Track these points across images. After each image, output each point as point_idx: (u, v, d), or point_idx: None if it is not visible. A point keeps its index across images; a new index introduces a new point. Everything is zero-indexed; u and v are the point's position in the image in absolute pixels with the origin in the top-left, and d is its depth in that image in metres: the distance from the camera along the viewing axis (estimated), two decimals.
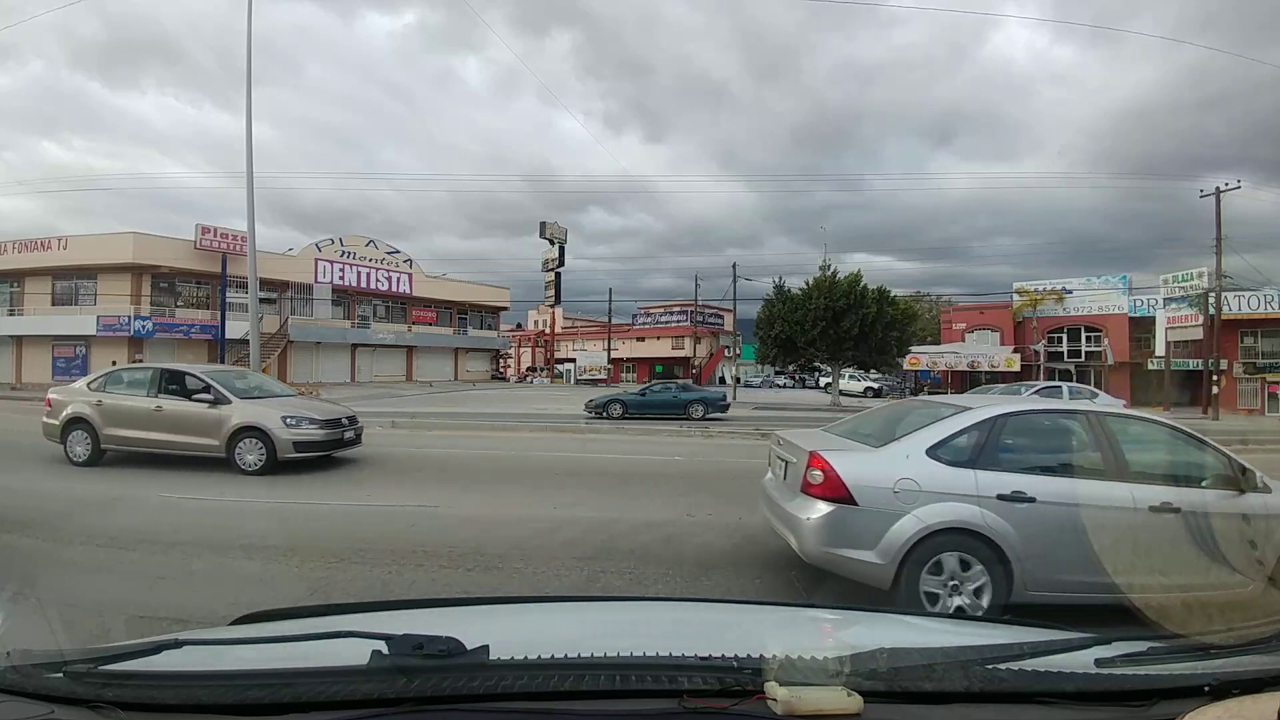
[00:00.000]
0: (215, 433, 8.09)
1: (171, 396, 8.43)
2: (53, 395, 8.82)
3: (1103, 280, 37.35)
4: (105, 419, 8.32)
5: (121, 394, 8.59)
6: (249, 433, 8.04)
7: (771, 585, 4.33)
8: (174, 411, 8.28)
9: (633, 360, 58.51)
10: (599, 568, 4.62)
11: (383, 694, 0.90)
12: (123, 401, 8.45)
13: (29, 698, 0.92)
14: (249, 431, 8.04)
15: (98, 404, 8.39)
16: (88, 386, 8.75)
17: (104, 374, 9.10)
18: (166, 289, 31.26)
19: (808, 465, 3.81)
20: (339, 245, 37.60)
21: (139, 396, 8.46)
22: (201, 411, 8.20)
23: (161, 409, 8.27)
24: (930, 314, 51.49)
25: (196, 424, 8.18)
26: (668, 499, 7.18)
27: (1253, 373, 31.76)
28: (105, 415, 8.34)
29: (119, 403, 8.44)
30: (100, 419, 8.32)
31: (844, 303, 25.55)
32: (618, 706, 0.91)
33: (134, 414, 8.33)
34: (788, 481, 4.21)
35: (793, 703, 0.87)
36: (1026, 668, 1.02)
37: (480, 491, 7.55)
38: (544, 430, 14.85)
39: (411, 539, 5.27)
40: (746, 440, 14.05)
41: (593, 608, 2.07)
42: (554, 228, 48.25)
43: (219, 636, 1.35)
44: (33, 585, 3.88)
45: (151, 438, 8.26)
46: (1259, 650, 1.10)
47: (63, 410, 8.50)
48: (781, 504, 4.14)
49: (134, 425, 8.29)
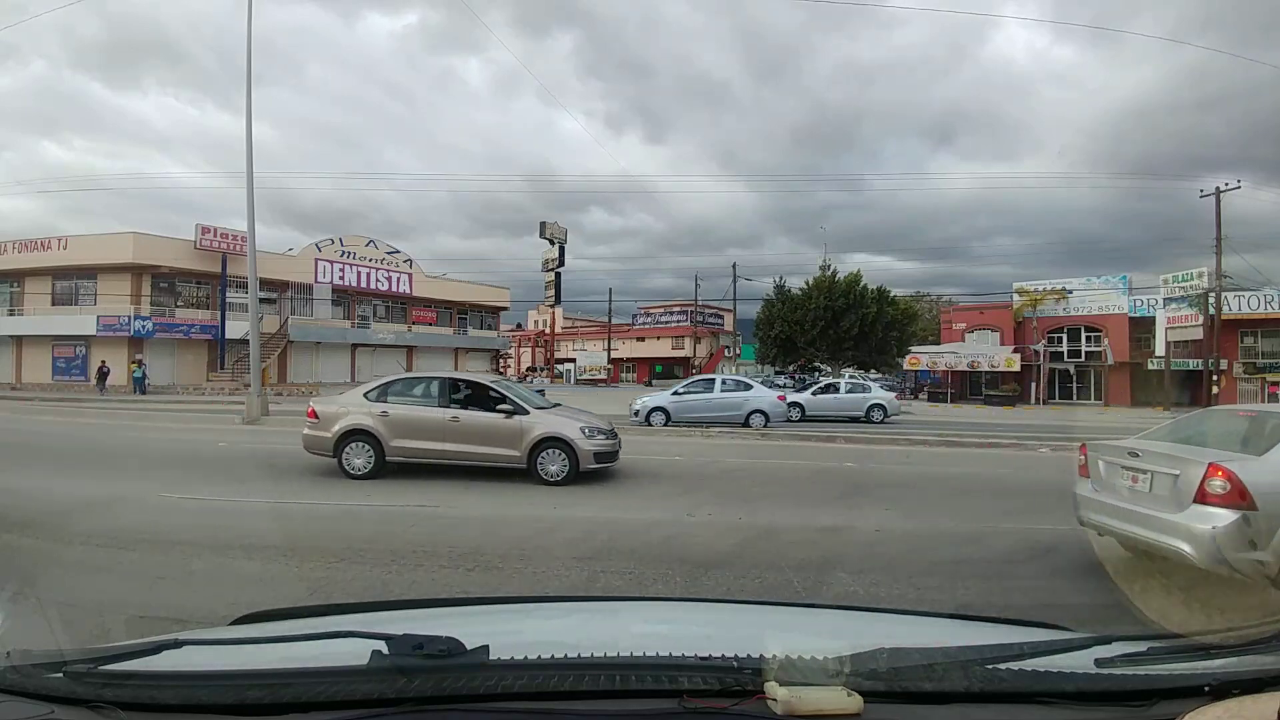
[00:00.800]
0: (516, 443, 7.96)
1: (465, 407, 8.26)
2: (319, 406, 8.44)
3: (1103, 280, 37.36)
4: (392, 430, 8.04)
5: (409, 405, 8.34)
6: (552, 443, 7.95)
7: (771, 585, 4.33)
8: (472, 422, 8.08)
9: (633, 360, 58.54)
10: (599, 568, 4.62)
11: (382, 694, 0.90)
12: (413, 412, 8.20)
13: (29, 698, 0.92)
14: (552, 442, 7.95)
15: (382, 415, 8.10)
16: (365, 397, 8.37)
17: (381, 384, 8.68)
18: (166, 289, 31.24)
19: (1206, 475, 3.92)
20: (339, 245, 37.59)
21: (430, 407, 8.25)
22: (499, 422, 8.04)
23: (458, 420, 8.07)
24: (930, 314, 51.53)
25: (496, 435, 8.02)
26: (667, 498, 7.19)
27: (1253, 373, 31.77)
28: (392, 426, 8.05)
29: (409, 414, 8.18)
30: (386, 430, 8.02)
31: (844, 303, 25.62)
32: (618, 706, 0.91)
33: (427, 425, 8.08)
34: (1159, 492, 4.31)
35: (793, 703, 0.87)
36: (1026, 668, 1.02)
37: (480, 491, 7.55)
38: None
39: (411, 539, 5.27)
40: (745, 440, 14.06)
41: (593, 608, 2.07)
42: (554, 228, 48.25)
43: (219, 636, 1.35)
44: (33, 585, 3.88)
45: (446, 449, 8.05)
46: (1259, 650, 1.10)
47: (336, 422, 8.11)
48: (1157, 514, 4.19)
49: (426, 436, 8.07)
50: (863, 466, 10.16)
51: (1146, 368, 34.12)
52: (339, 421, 8.13)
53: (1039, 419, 22.29)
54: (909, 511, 6.85)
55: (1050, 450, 12.34)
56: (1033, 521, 6.51)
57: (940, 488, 8.43)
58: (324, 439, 8.13)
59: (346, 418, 8.13)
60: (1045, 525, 6.30)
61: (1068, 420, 22.34)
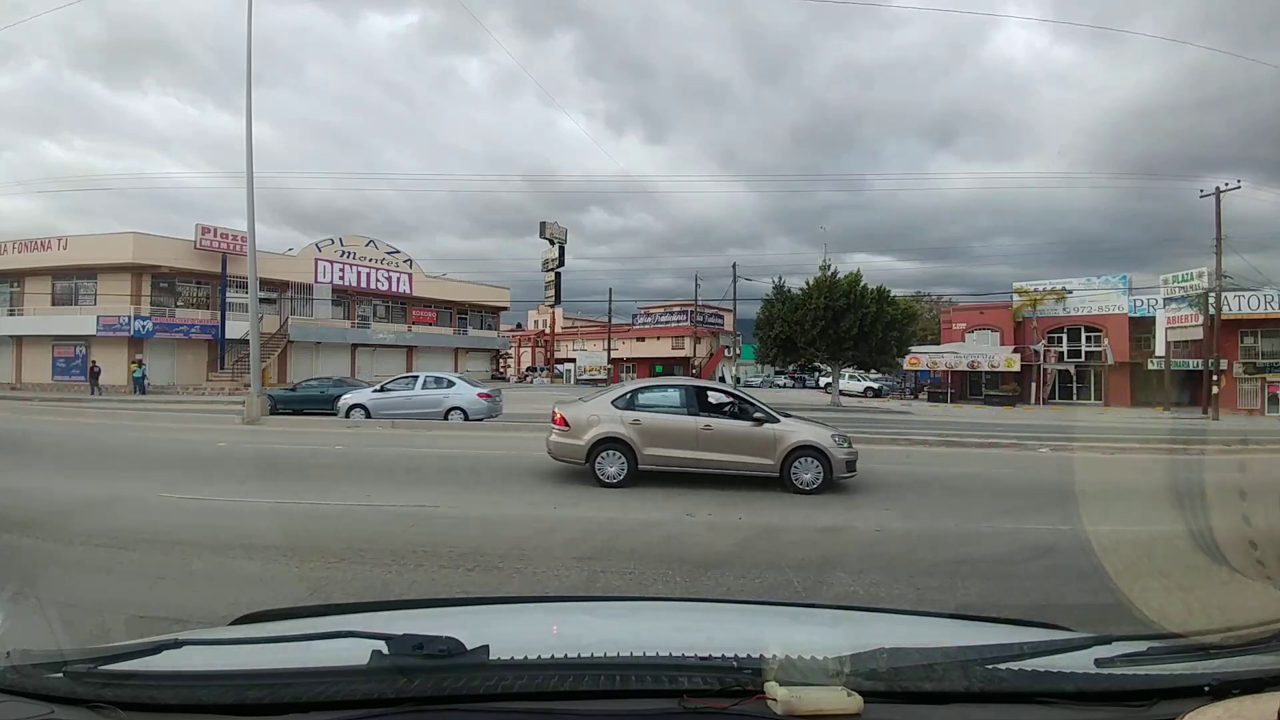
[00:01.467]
0: (770, 452, 7.90)
1: (715, 415, 8.25)
2: (567, 413, 8.38)
3: (1103, 280, 37.35)
4: (645, 438, 8.04)
5: (661, 413, 8.29)
6: (806, 452, 7.86)
7: (771, 585, 4.33)
8: (725, 430, 8.06)
9: (633, 360, 58.51)
10: (599, 568, 4.62)
11: (383, 694, 0.90)
12: (666, 420, 8.17)
13: (29, 698, 0.92)
14: (806, 450, 7.86)
15: (634, 423, 8.09)
16: (613, 404, 8.35)
17: (628, 391, 8.64)
18: (166, 289, 31.23)
19: None
20: (339, 245, 37.58)
21: (681, 415, 8.19)
22: (752, 430, 8.02)
23: (711, 428, 8.04)
24: (930, 314, 51.51)
25: (750, 443, 7.98)
26: (667, 498, 7.19)
27: (1253, 373, 31.76)
28: (645, 434, 8.05)
29: (662, 422, 8.16)
30: (639, 438, 8.02)
31: (844, 303, 25.56)
32: (618, 706, 0.91)
33: (681, 433, 8.05)
34: None
35: (793, 703, 0.87)
36: (1026, 668, 1.02)
37: (480, 491, 7.55)
38: (544, 430, 14.82)
39: (411, 539, 5.27)
40: None
41: (592, 608, 2.07)
42: (554, 228, 48.25)
43: (219, 636, 1.35)
44: (33, 585, 3.88)
45: (700, 457, 8.01)
46: (1259, 650, 1.10)
47: (589, 430, 8.10)
48: None
49: (680, 445, 8.05)
50: (862, 466, 10.14)
51: (1146, 368, 34.11)
52: (592, 429, 8.10)
53: (1039, 419, 22.30)
54: (909, 511, 6.85)
55: (1050, 450, 12.35)
56: (1033, 521, 6.51)
57: (940, 488, 8.44)
58: (576, 446, 8.13)
59: (599, 426, 8.11)
60: (1045, 525, 6.30)
61: (1068, 420, 22.36)
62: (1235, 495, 6.56)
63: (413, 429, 14.87)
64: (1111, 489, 8.72)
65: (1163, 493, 7.86)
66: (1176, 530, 6.47)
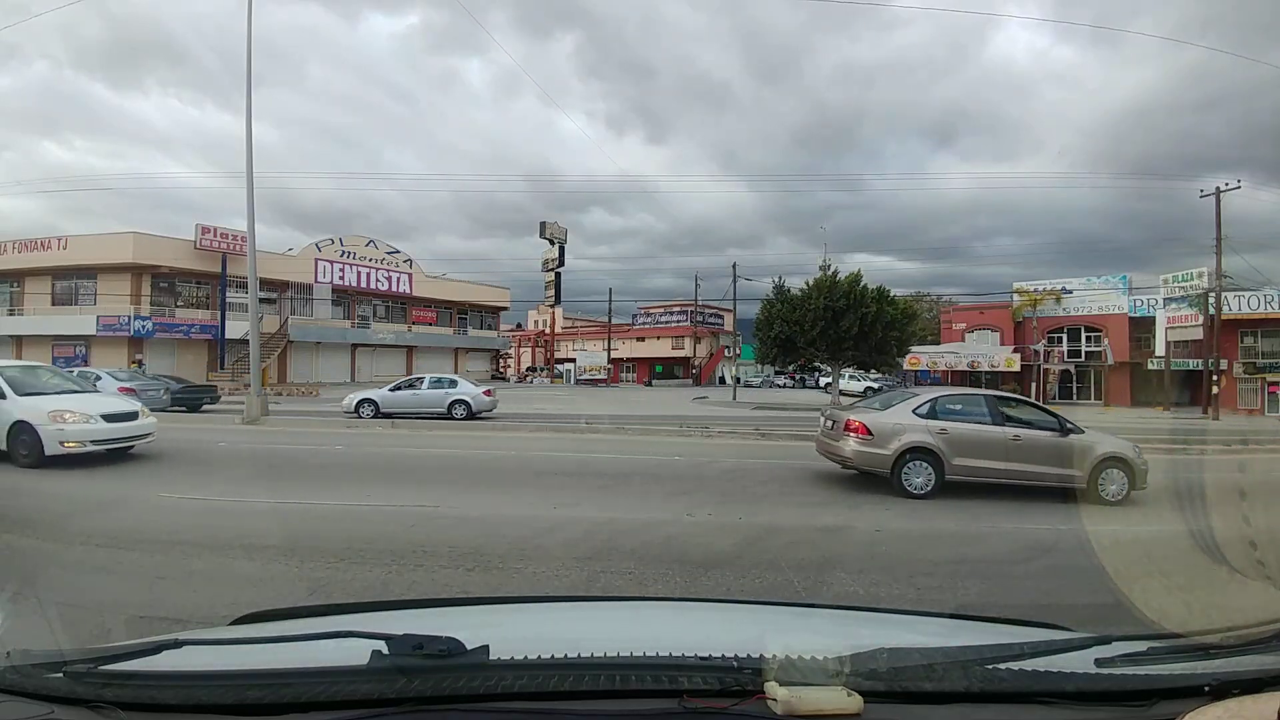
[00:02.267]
0: (1079, 463, 7.78)
1: (1020, 425, 8.10)
2: (868, 420, 8.26)
3: (1103, 280, 37.38)
4: (953, 448, 7.88)
5: (967, 422, 8.13)
6: (1113, 463, 7.81)
7: (771, 585, 4.33)
8: (1033, 441, 7.93)
9: (632, 360, 58.53)
10: (599, 568, 4.61)
11: (383, 694, 0.90)
12: (974, 431, 8.02)
13: (29, 698, 0.92)
14: (1114, 462, 7.82)
15: (941, 432, 7.95)
16: (915, 414, 8.18)
17: (927, 400, 8.44)
18: (166, 289, 31.25)
19: None
20: (339, 245, 37.60)
21: (988, 425, 8.03)
22: (1060, 441, 7.91)
23: (1020, 439, 7.91)
24: (930, 314, 51.51)
25: (1059, 454, 7.86)
26: (667, 499, 7.19)
27: (1253, 373, 31.77)
28: (952, 444, 7.89)
29: (970, 432, 8.01)
30: (947, 448, 7.88)
31: (844, 303, 25.54)
32: (618, 706, 0.91)
33: (989, 444, 7.90)
34: None
35: (793, 703, 0.87)
36: (1026, 668, 1.02)
37: (480, 491, 7.55)
38: (543, 430, 14.86)
39: (411, 539, 5.26)
40: (746, 440, 14.06)
41: (593, 608, 2.07)
42: (554, 228, 48.24)
43: (219, 636, 1.35)
44: (33, 585, 3.88)
45: (1009, 468, 7.86)
46: (1259, 650, 1.10)
47: (895, 439, 7.93)
48: None
49: (988, 456, 7.90)
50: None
51: (1146, 368, 34.14)
52: (897, 439, 7.93)
53: None
54: (909, 511, 6.85)
55: None
56: (1032, 521, 6.52)
57: (940, 487, 8.42)
58: (881, 456, 7.95)
59: (905, 435, 7.95)
60: (1045, 525, 6.31)
61: None
62: (1235, 495, 6.59)
63: (414, 429, 14.88)
64: None
65: (1163, 493, 7.87)
66: (1176, 530, 6.49)
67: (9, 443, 8.43)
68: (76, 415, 8.54)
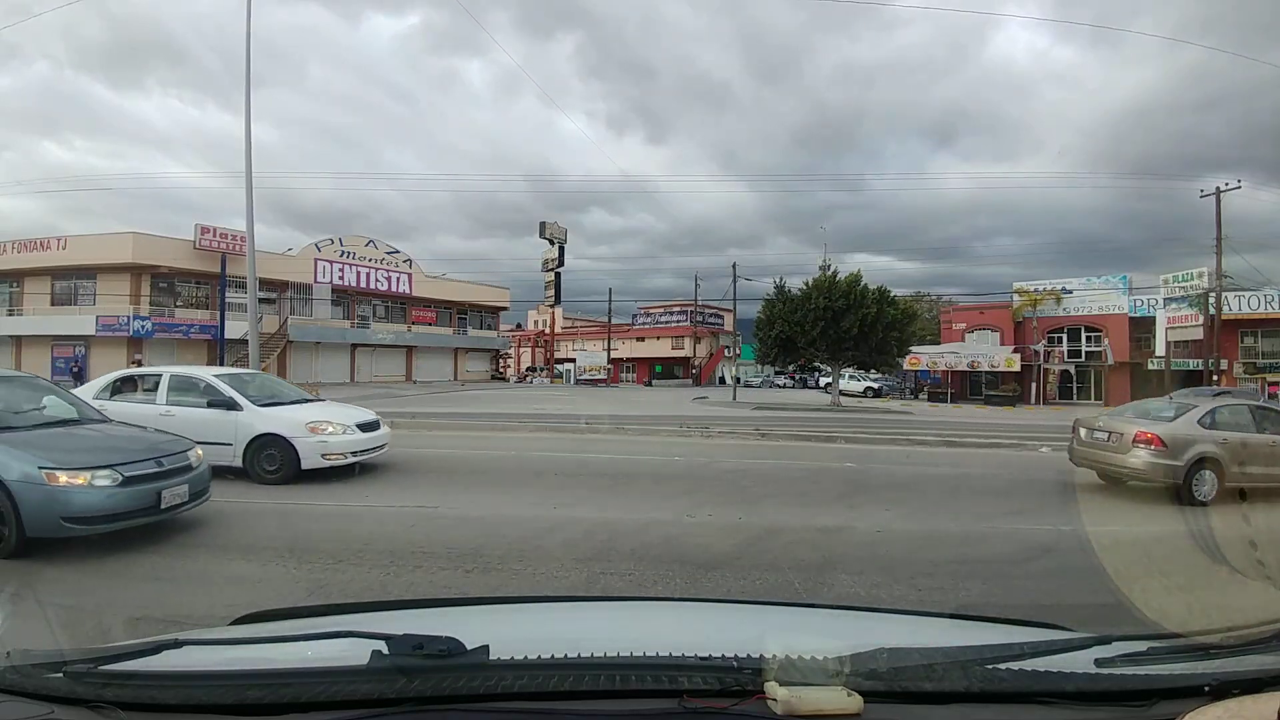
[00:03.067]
0: None
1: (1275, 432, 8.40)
2: (1160, 431, 8.18)
3: (1103, 280, 37.36)
4: (1232, 457, 8.08)
5: (1241, 431, 8.31)
6: None
7: (771, 586, 4.33)
8: None
9: (632, 360, 58.51)
10: (599, 568, 4.61)
11: (383, 694, 0.90)
12: (1249, 440, 8.25)
13: (29, 698, 0.92)
14: None
15: (1223, 442, 8.13)
16: (1198, 424, 8.34)
17: (1207, 410, 8.58)
18: (166, 289, 31.25)
19: None
20: (339, 245, 37.59)
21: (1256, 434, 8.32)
22: None
23: (1276, 445, 8.27)
24: (930, 314, 51.51)
25: None
26: (667, 499, 7.19)
27: (1253, 373, 31.75)
28: (1232, 453, 8.09)
29: (1246, 441, 8.22)
30: (1227, 457, 8.05)
31: (844, 303, 25.54)
32: (618, 706, 0.91)
33: (1258, 452, 8.18)
34: None
35: (793, 703, 0.87)
36: (1026, 668, 1.02)
37: (480, 491, 7.55)
38: (543, 430, 14.85)
39: (411, 539, 5.26)
40: (746, 441, 14.05)
41: (593, 608, 2.07)
42: (554, 228, 48.24)
43: (219, 636, 1.35)
44: (33, 585, 3.88)
45: (1268, 472, 8.12)
46: (1259, 650, 1.10)
47: (1187, 450, 7.93)
48: None
49: (1259, 462, 8.17)
50: (863, 467, 10.16)
51: (1147, 368, 34.12)
52: (1189, 450, 7.94)
53: (1039, 419, 22.30)
54: (909, 512, 6.85)
55: (1050, 450, 12.34)
56: (1033, 521, 6.52)
57: (940, 488, 8.43)
58: (1175, 467, 7.89)
59: (1196, 446, 8.00)
60: (1045, 525, 6.30)
61: (1068, 421, 22.29)
62: (1235, 495, 6.54)
63: (413, 430, 14.86)
64: (1112, 489, 8.72)
65: (1163, 493, 7.88)
66: (1177, 530, 6.50)
67: (248, 457, 7.56)
68: (335, 426, 7.97)
